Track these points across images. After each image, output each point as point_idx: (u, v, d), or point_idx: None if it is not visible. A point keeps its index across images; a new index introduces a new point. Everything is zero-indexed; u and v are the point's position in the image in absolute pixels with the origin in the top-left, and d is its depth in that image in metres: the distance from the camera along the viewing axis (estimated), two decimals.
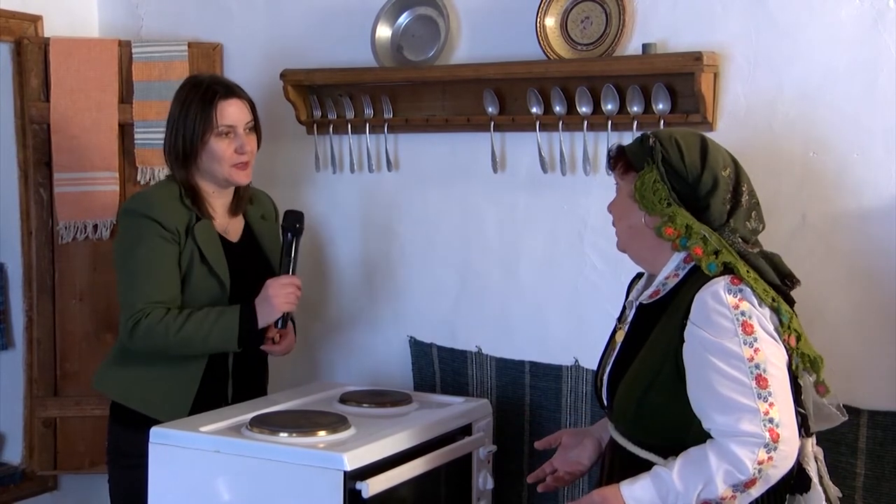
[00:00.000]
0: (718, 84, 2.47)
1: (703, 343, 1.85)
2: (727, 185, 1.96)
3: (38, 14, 3.17)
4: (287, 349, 2.65)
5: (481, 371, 2.85)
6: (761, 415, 1.80)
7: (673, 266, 1.98)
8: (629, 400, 1.95)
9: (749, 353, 1.83)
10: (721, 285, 1.87)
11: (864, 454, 2.32)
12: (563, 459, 2.20)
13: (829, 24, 2.35)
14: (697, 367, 1.86)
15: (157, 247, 2.46)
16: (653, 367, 1.92)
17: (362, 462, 2.12)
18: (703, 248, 1.91)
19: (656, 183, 1.94)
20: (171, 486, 2.26)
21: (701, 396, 1.85)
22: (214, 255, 2.52)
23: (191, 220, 2.51)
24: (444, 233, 2.91)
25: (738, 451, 1.79)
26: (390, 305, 3.01)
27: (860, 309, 2.34)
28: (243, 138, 2.54)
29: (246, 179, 2.58)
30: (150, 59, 3.13)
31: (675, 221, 1.93)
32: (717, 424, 1.82)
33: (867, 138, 2.32)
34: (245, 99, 2.58)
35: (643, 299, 2.02)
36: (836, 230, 2.36)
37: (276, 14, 3.13)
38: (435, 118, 2.85)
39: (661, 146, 1.96)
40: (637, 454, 1.96)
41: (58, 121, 3.07)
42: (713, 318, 1.85)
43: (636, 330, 2.02)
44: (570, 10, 2.66)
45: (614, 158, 2.06)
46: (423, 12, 2.89)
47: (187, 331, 2.42)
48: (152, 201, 2.50)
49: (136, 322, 2.43)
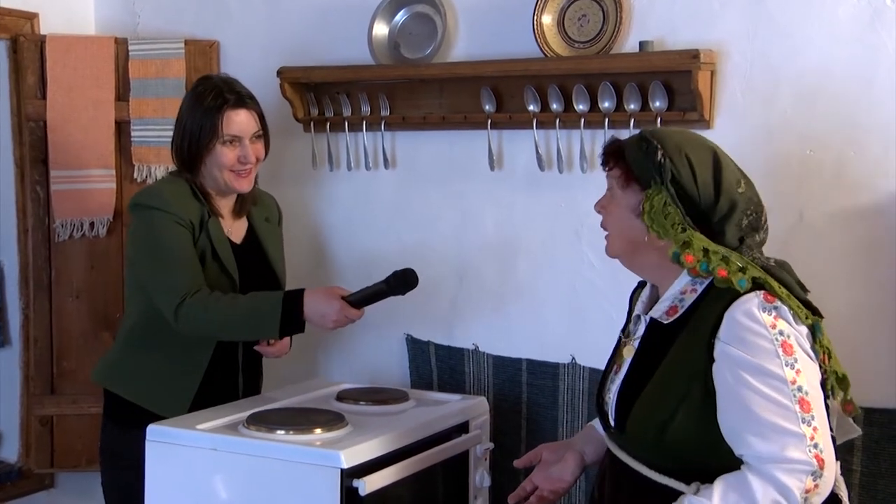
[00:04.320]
0: (716, 82, 2.47)
1: (740, 363, 1.72)
2: (745, 207, 1.84)
3: (35, 11, 3.16)
4: (280, 352, 2.63)
5: (478, 369, 2.85)
6: (807, 440, 1.69)
7: (687, 280, 1.85)
8: (650, 424, 1.81)
9: (791, 376, 1.70)
10: (755, 303, 1.74)
11: (860, 451, 2.32)
12: (545, 476, 2.07)
13: (827, 22, 2.35)
14: (732, 389, 1.72)
15: (179, 234, 2.43)
16: (678, 389, 1.79)
17: (359, 460, 2.12)
18: (726, 269, 1.77)
19: (668, 206, 1.81)
20: (168, 484, 2.26)
21: (737, 420, 1.72)
22: (225, 253, 2.51)
23: (203, 215, 2.49)
24: (441, 230, 2.91)
25: (786, 479, 1.67)
26: (387, 303, 2.99)
27: (857, 307, 2.34)
28: (248, 148, 2.50)
29: (247, 187, 2.54)
30: (147, 56, 3.12)
31: (693, 246, 1.80)
32: (758, 451, 1.69)
33: (864, 136, 2.32)
34: (254, 108, 2.54)
35: (658, 316, 1.87)
36: (833, 228, 2.36)
37: (273, 11, 3.13)
38: (432, 116, 2.85)
39: (672, 164, 1.81)
40: (653, 479, 1.82)
41: (54, 118, 3.07)
42: (749, 339, 1.72)
43: (648, 347, 1.88)
44: (567, 7, 2.65)
45: (611, 158, 1.92)
46: (420, 10, 2.88)
47: (229, 310, 2.38)
48: (164, 195, 2.47)
49: (179, 303, 2.37)
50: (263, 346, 2.57)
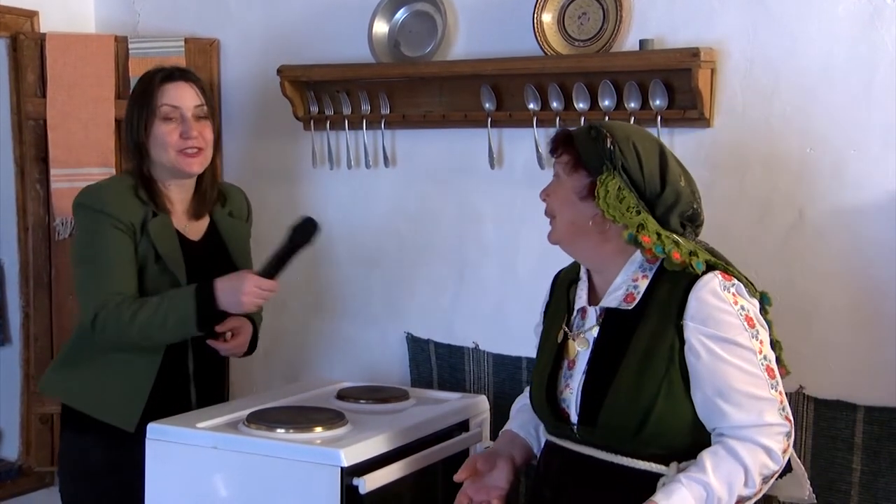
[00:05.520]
0: (716, 80, 2.47)
1: (714, 341, 1.81)
2: (688, 200, 1.92)
3: (35, 9, 3.16)
4: (236, 349, 2.49)
5: (478, 367, 2.85)
6: (777, 404, 1.82)
7: (636, 266, 1.92)
8: (630, 411, 1.84)
9: (757, 346, 1.82)
10: (717, 283, 1.84)
11: (860, 450, 2.32)
12: (478, 487, 2.03)
13: (827, 20, 2.35)
14: (708, 365, 1.81)
15: (113, 239, 2.34)
16: (655, 373, 1.84)
17: (359, 458, 2.12)
18: (679, 252, 1.85)
19: (622, 191, 1.87)
20: (168, 483, 2.26)
21: (714, 395, 1.81)
22: (170, 253, 2.39)
23: (146, 216, 2.38)
24: (441, 229, 2.91)
25: (769, 442, 1.79)
26: (388, 302, 3.01)
27: (857, 305, 2.34)
28: (190, 122, 2.38)
29: (197, 168, 2.41)
30: (147, 54, 3.12)
31: (647, 229, 1.86)
32: (737, 420, 1.79)
33: (864, 134, 2.32)
34: (195, 83, 2.42)
35: (617, 304, 1.92)
36: (833, 226, 2.36)
37: (273, 10, 3.12)
38: (432, 114, 2.85)
39: (620, 152, 1.88)
40: (630, 466, 1.86)
41: (54, 117, 3.07)
42: (718, 316, 1.82)
43: (608, 336, 1.91)
44: (567, 5, 2.65)
45: (560, 146, 1.97)
46: (420, 8, 2.88)
47: (144, 315, 2.29)
48: (103, 195, 2.38)
49: (95, 314, 2.31)
50: (218, 343, 2.45)
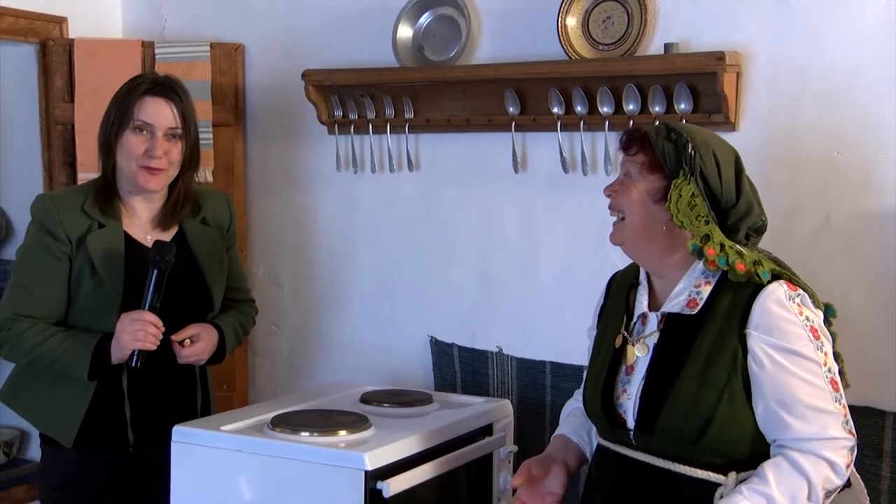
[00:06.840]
0: (741, 84, 2.45)
1: (779, 351, 1.78)
2: (759, 211, 1.91)
3: (63, 15, 3.20)
4: (197, 355, 2.40)
5: (502, 371, 2.85)
6: (842, 418, 1.78)
7: (699, 273, 1.89)
8: (692, 418, 1.81)
9: (822, 358, 1.79)
10: (782, 293, 1.81)
11: (888, 457, 2.30)
12: (534, 493, 2.01)
13: (853, 23, 2.33)
14: (772, 375, 1.78)
15: (41, 260, 2.32)
16: (717, 381, 1.81)
17: (383, 462, 2.13)
18: (743, 263, 1.83)
19: (695, 198, 1.84)
20: (192, 485, 2.27)
21: (777, 406, 1.78)
22: (107, 267, 2.32)
23: (90, 228, 2.34)
24: (464, 233, 2.91)
25: (833, 456, 1.76)
26: (411, 305, 3.01)
27: (885, 309, 2.32)
28: (158, 141, 2.33)
29: (154, 186, 2.35)
30: (173, 59, 3.14)
31: (713, 240, 1.84)
32: (800, 433, 1.76)
33: (891, 138, 2.30)
34: (176, 103, 2.35)
35: (679, 310, 1.89)
36: (860, 230, 2.34)
37: (297, 14, 3.14)
38: (456, 118, 2.85)
39: (700, 158, 1.85)
40: (688, 475, 1.83)
41: (82, 121, 3.09)
42: (784, 327, 1.79)
43: (670, 342, 1.89)
44: (591, 9, 2.65)
45: (635, 144, 1.93)
46: (444, 12, 2.89)
47: (41, 350, 2.29)
48: (49, 207, 2.35)
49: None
50: (178, 350, 2.37)
